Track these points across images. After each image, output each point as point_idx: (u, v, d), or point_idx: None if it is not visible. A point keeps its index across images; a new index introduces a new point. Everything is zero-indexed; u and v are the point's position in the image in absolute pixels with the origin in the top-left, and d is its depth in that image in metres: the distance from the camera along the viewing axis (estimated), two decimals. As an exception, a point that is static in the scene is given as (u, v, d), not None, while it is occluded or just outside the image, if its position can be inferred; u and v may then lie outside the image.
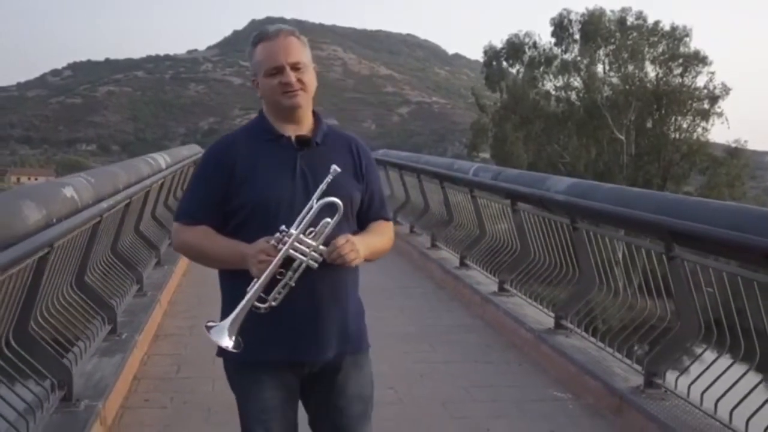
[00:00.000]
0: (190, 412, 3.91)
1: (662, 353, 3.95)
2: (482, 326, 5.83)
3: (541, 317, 5.35)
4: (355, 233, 2.02)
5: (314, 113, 2.11)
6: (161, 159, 6.80)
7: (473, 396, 4.28)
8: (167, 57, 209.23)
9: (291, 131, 2.04)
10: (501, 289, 6.17)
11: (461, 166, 7.34)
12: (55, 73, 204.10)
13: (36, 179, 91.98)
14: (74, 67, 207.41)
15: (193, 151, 10.49)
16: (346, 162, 2.05)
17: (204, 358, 4.61)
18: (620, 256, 5.56)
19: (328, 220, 1.90)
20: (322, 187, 1.91)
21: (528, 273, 5.98)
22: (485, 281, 6.59)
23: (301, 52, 2.03)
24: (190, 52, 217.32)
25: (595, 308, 5.02)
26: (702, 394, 3.61)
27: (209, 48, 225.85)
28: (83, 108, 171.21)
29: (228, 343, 1.84)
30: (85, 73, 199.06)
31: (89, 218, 3.77)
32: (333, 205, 1.90)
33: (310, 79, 2.04)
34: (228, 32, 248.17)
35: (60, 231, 3.16)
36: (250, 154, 2.01)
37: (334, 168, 1.92)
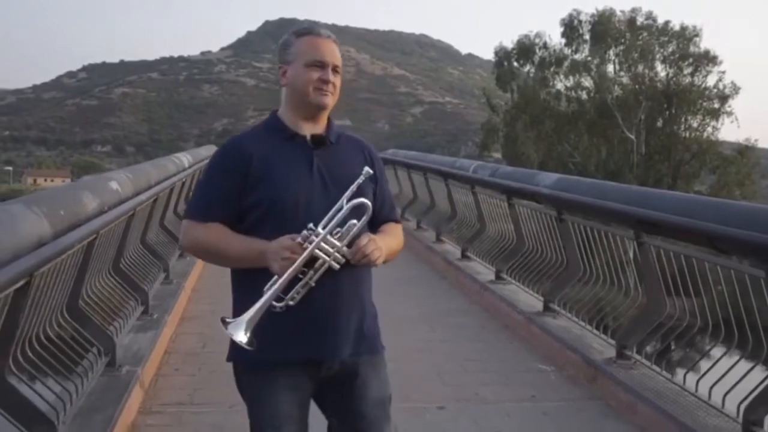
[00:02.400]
0: (216, 379, 4.43)
1: (632, 328, 4.46)
2: (479, 310, 6.35)
3: (532, 301, 5.86)
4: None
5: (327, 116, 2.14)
6: (185, 158, 7.38)
7: (465, 368, 4.79)
8: (181, 58, 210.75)
9: (306, 130, 2.05)
10: (497, 277, 6.68)
11: (462, 164, 7.86)
12: (70, 75, 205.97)
13: (52, 181, 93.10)
14: (89, 69, 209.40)
15: (211, 152, 11.03)
16: (360, 163, 2.05)
17: (226, 338, 5.15)
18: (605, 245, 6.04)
19: (355, 221, 1.90)
20: (353, 188, 1.92)
21: (522, 262, 6.48)
22: (484, 271, 7.10)
23: (340, 58, 2.08)
24: (203, 53, 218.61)
25: (579, 292, 5.50)
26: (666, 364, 4.12)
27: (223, 49, 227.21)
28: (98, 109, 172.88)
29: (244, 338, 1.83)
30: (100, 74, 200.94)
31: (128, 209, 4.32)
32: (361, 206, 1.92)
33: (340, 84, 2.09)
34: (241, 33, 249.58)
35: (105, 220, 3.71)
36: (265, 151, 2.01)
37: (367, 170, 1.96)
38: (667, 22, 40.17)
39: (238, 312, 1.89)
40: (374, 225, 2.10)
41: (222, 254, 2.00)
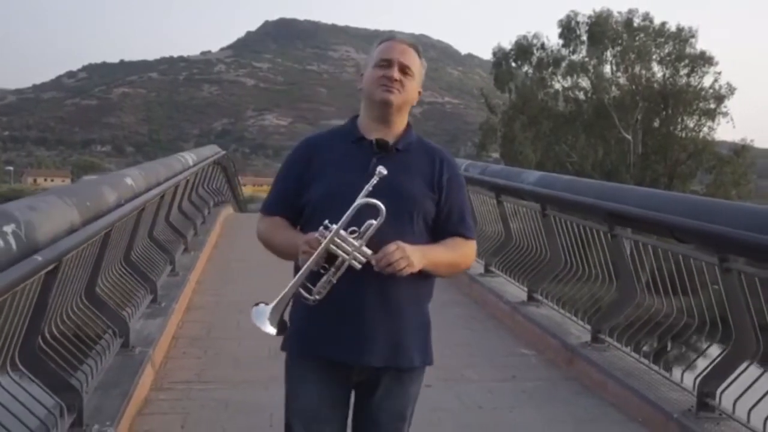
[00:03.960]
0: (221, 361, 4.81)
1: (605, 314, 4.82)
2: (469, 302, 6.71)
3: (518, 292, 6.22)
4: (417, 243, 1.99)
5: (408, 125, 2.14)
6: (189, 157, 7.75)
7: (453, 352, 5.14)
8: (181, 58, 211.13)
9: (376, 135, 2.06)
10: (486, 270, 7.05)
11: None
12: (70, 75, 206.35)
13: (52, 180, 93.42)
14: (89, 69, 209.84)
15: (214, 151, 11.45)
16: (424, 171, 2.05)
17: (230, 325, 5.53)
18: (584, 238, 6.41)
19: (372, 221, 1.89)
20: (368, 187, 1.91)
21: (510, 256, 6.84)
22: (474, 265, 7.46)
23: (414, 61, 2.08)
24: (203, 53, 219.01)
25: (561, 282, 5.86)
26: (637, 345, 4.49)
27: (222, 49, 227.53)
28: (98, 109, 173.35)
29: (268, 327, 1.90)
30: (100, 74, 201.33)
31: (141, 204, 4.69)
32: (376, 207, 1.90)
33: (412, 87, 2.07)
34: (241, 33, 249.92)
35: (122, 213, 4.07)
36: (328, 152, 2.07)
37: (380, 170, 1.92)
38: (663, 24, 40.47)
39: (297, 302, 1.97)
40: (438, 236, 2.08)
41: (275, 246, 2.09)
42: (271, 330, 1.90)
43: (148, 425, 3.68)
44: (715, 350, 3.82)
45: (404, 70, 2.05)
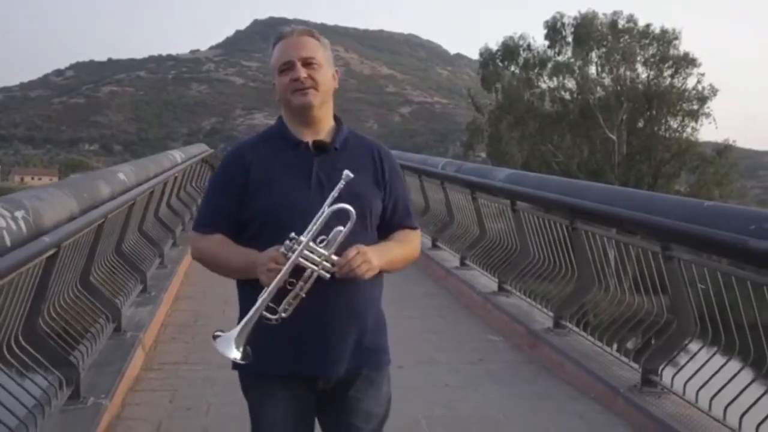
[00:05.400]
0: (208, 346, 5.03)
1: (566, 302, 5.18)
2: (444, 293, 7.06)
3: (490, 283, 6.57)
4: (370, 243, 1.94)
5: (336, 118, 2.05)
6: (177, 155, 8.06)
7: (426, 338, 5.49)
8: (170, 57, 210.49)
9: (309, 136, 1.98)
10: (462, 263, 7.40)
11: (433, 162, 8.57)
12: (57, 73, 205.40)
13: (40, 179, 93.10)
14: (77, 67, 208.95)
15: (201, 149, 11.77)
16: (367, 168, 1.99)
17: (216, 313, 5.85)
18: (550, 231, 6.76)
19: (341, 228, 1.82)
20: (334, 193, 1.83)
21: (484, 249, 7.19)
22: (451, 258, 7.81)
23: (315, 49, 1.97)
24: (192, 52, 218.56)
25: (529, 273, 6.21)
26: (595, 331, 4.85)
27: (212, 48, 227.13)
28: (86, 108, 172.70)
29: (235, 354, 1.80)
30: (88, 73, 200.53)
31: (132, 197, 5.00)
32: (346, 212, 1.82)
33: (325, 78, 1.97)
34: (230, 32, 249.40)
35: (115, 204, 4.38)
36: (265, 161, 1.96)
37: (346, 173, 1.84)
38: (647, 25, 40.98)
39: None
40: (386, 231, 2.04)
41: (222, 265, 1.98)
42: (237, 355, 1.80)
43: (139, 399, 4.01)
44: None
45: (308, 63, 1.94)
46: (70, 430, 3.29)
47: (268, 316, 1.82)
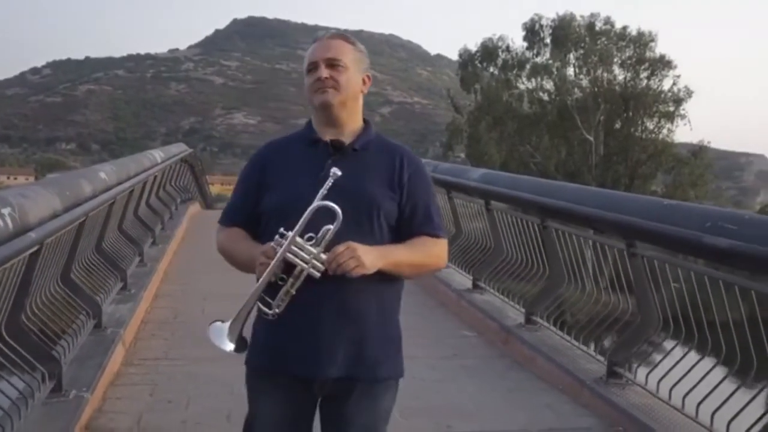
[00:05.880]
0: (187, 342, 5.21)
1: (538, 298, 5.35)
2: (420, 290, 7.17)
3: (465, 281, 6.72)
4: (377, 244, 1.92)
5: (365, 121, 2.08)
6: (157, 155, 8.14)
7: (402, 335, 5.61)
8: (148, 56, 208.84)
9: (331, 136, 2.00)
10: (438, 261, 7.54)
11: (410, 162, 8.73)
12: (34, 71, 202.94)
13: (15, 179, 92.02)
14: (54, 65, 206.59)
15: (181, 149, 11.83)
16: (383, 170, 1.98)
17: (195, 310, 5.94)
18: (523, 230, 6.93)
19: (329, 226, 1.83)
20: (323, 191, 1.84)
21: (459, 248, 7.34)
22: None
23: (343, 52, 2.00)
24: (171, 51, 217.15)
25: (503, 271, 6.37)
26: (564, 326, 5.02)
27: (191, 47, 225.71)
28: (63, 107, 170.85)
29: (227, 345, 1.84)
30: (65, 71, 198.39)
31: (112, 196, 5.09)
32: (328, 210, 1.83)
33: (348, 80, 1.99)
34: (210, 31, 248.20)
35: (96, 202, 4.47)
36: (284, 158, 2.01)
37: (334, 171, 1.85)
38: (624, 28, 41.42)
39: (258, 316, 1.92)
40: (404, 236, 1.99)
41: (234, 258, 2.03)
42: (230, 347, 1.85)
43: (120, 393, 4.10)
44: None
45: (332, 64, 1.97)
46: (53, 421, 3.38)
47: (266, 310, 1.87)
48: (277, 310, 1.86)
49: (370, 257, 1.84)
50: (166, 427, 3.69)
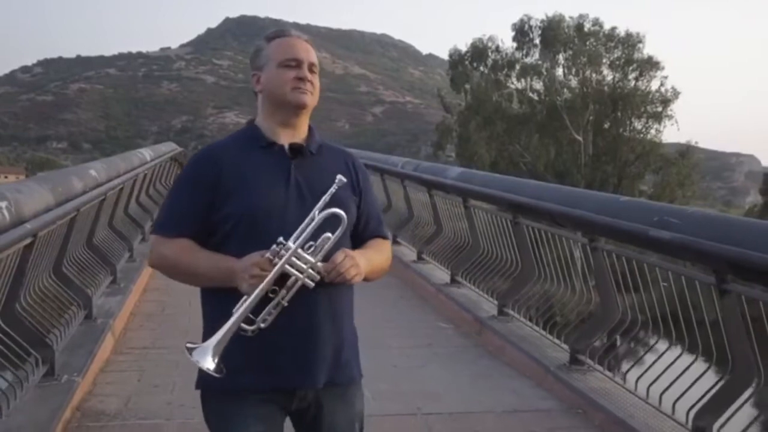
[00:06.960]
0: (174, 332, 5.45)
1: (510, 291, 5.61)
2: (401, 284, 7.44)
3: (443, 275, 6.98)
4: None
5: (309, 126, 2.01)
6: (147, 153, 8.36)
7: (379, 325, 5.85)
8: (140, 54, 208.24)
9: (284, 139, 1.92)
10: (419, 257, 7.80)
11: (393, 161, 8.98)
12: (25, 69, 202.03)
13: (6, 177, 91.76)
14: (45, 63, 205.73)
15: (171, 148, 12.04)
16: (343, 175, 1.88)
17: (182, 303, 6.12)
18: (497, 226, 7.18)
19: (329, 234, 1.78)
20: (326, 198, 1.78)
21: (439, 244, 7.61)
22: (409, 253, 8.21)
23: (316, 59, 1.97)
24: (163, 49, 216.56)
25: (479, 266, 6.63)
26: (537, 318, 5.29)
27: (182, 46, 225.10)
28: (54, 105, 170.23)
29: (211, 365, 1.70)
30: (56, 69, 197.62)
31: (102, 192, 5.32)
32: (336, 217, 1.78)
33: (319, 87, 1.97)
34: (201, 30, 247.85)
35: (87, 198, 4.70)
36: (238, 162, 1.88)
37: (340, 178, 1.80)
38: (613, 29, 41.78)
39: (207, 335, 1.76)
40: (359, 241, 1.98)
41: (190, 272, 1.87)
42: (212, 365, 1.71)
43: (109, 379, 4.34)
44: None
45: (312, 69, 1.94)
46: (46, 402, 3.61)
47: (245, 327, 1.75)
48: (262, 325, 1.77)
49: (362, 263, 1.84)
50: (153, 409, 3.93)
